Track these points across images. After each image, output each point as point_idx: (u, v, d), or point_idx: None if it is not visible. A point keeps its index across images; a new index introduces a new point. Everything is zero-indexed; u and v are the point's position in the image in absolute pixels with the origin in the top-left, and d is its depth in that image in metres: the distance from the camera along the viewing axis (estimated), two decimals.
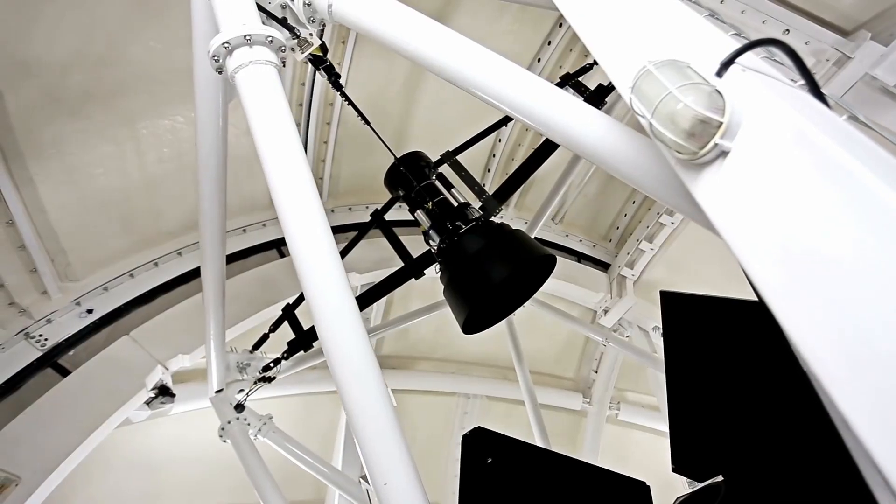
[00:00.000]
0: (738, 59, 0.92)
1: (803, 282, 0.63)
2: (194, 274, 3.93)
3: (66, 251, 3.45)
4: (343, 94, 2.62)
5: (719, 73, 0.92)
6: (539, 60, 4.57)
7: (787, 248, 0.66)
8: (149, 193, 3.75)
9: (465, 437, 2.23)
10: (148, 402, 3.53)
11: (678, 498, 2.08)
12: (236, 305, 3.76)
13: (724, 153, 0.86)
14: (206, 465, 4.31)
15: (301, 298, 3.26)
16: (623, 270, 5.52)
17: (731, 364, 2.02)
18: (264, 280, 4.15)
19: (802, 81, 0.97)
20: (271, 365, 3.45)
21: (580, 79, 3.28)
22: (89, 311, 3.53)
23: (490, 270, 2.36)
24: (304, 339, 3.22)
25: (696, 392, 2.06)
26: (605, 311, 5.50)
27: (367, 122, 2.75)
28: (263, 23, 1.86)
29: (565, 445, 5.99)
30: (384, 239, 3.12)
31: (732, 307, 1.98)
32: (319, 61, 2.39)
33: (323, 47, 2.23)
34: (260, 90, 1.64)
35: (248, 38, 1.68)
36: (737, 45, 0.97)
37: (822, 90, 0.95)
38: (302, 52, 2.04)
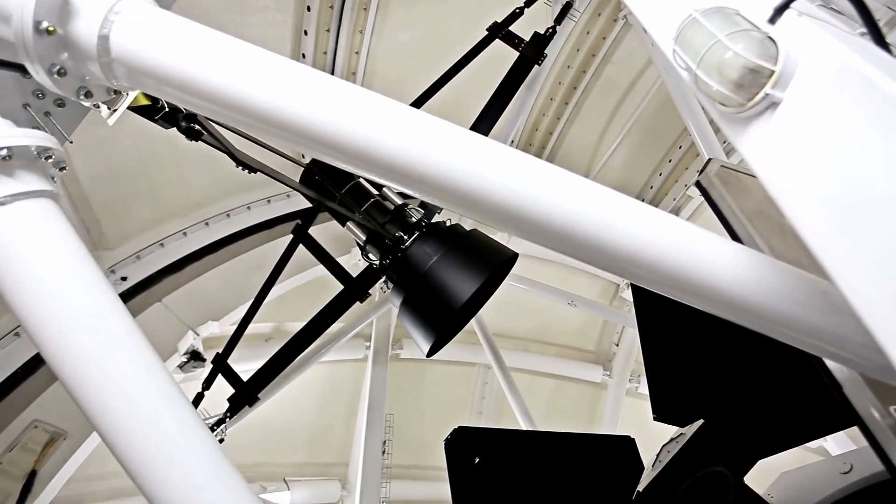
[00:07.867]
0: (792, 5, 0.86)
1: (856, 228, 0.61)
2: (222, 243, 4.02)
3: (99, 221, 3.55)
4: (207, 142, 2.01)
5: (772, 20, 0.86)
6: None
7: (842, 196, 0.63)
8: (176, 165, 3.81)
9: (447, 441, 2.15)
10: (181, 367, 3.68)
11: (664, 444, 2.11)
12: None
13: (774, 104, 0.81)
14: (237, 426, 4.50)
15: (230, 346, 2.76)
16: None
17: (698, 313, 2.01)
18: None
19: (863, 30, 0.91)
20: (213, 428, 2.97)
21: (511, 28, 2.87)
22: (123, 279, 3.66)
23: (454, 290, 2.07)
24: (247, 392, 2.75)
25: (669, 344, 2.09)
26: (629, 284, 5.44)
27: (249, 168, 2.27)
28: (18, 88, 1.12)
29: (585, 418, 6.04)
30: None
31: None
32: (152, 111, 1.73)
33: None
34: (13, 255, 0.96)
35: None
36: None
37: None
38: (114, 111, 1.26)
